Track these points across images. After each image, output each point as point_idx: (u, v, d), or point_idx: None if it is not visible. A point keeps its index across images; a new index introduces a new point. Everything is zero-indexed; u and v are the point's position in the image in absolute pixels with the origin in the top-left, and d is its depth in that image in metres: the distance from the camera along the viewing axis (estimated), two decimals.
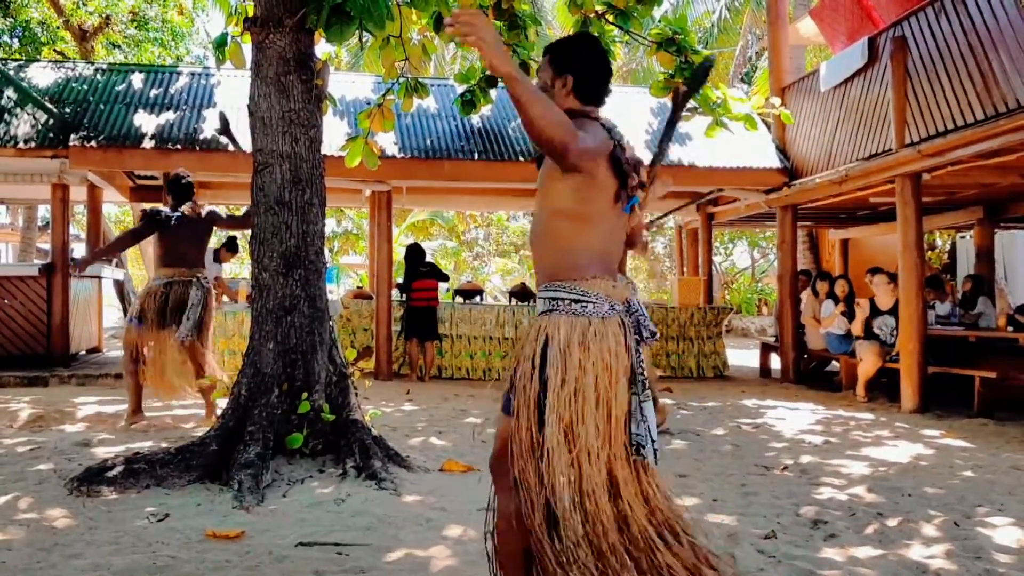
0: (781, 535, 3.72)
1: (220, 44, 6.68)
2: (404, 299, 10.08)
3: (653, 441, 2.38)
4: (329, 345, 5.13)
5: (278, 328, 4.98)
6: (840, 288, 9.37)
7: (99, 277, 11.30)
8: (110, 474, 4.38)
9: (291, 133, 5.13)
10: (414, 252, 10.25)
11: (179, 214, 6.50)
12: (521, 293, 11.00)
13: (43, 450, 5.42)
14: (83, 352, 10.95)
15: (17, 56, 13.29)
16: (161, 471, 4.43)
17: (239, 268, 23.03)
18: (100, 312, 11.84)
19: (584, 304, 2.37)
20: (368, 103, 9.84)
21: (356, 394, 5.21)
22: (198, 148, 9.47)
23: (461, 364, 10.34)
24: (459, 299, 11.20)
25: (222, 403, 5.28)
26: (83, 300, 10.65)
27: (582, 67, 2.50)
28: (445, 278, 10.54)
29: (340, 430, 4.87)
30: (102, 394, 8.15)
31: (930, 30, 7.82)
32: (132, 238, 7.22)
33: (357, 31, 5.17)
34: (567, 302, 2.38)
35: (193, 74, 11.14)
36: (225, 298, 10.21)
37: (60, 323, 9.79)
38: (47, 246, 21.50)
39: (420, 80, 7.46)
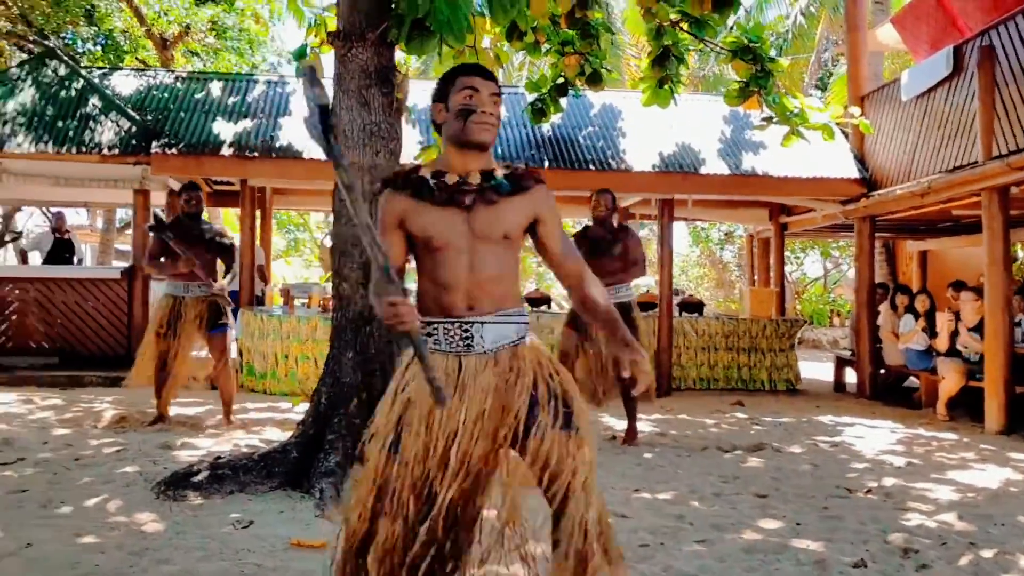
0: (871, 564, 3.62)
1: (300, 55, 6.83)
2: None
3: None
4: None
5: (357, 338, 5.04)
6: (920, 303, 9.10)
7: None
8: (195, 479, 4.48)
9: (372, 145, 5.19)
10: None
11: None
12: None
13: (128, 451, 5.57)
14: None
15: (101, 64, 13.72)
16: (244, 477, 4.52)
17: (307, 272, 23.42)
18: None
19: None
20: None
21: None
22: (274, 155, 9.64)
23: None
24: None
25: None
26: None
27: None
28: None
29: None
30: (179, 395, 8.31)
31: (1020, 38, 7.56)
32: None
33: (437, 44, 5.23)
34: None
35: (269, 82, 11.35)
36: (298, 302, 10.38)
37: (140, 323, 10.06)
38: (124, 247, 22.19)
39: None
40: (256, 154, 9.62)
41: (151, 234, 6.63)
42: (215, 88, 10.96)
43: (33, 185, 10.66)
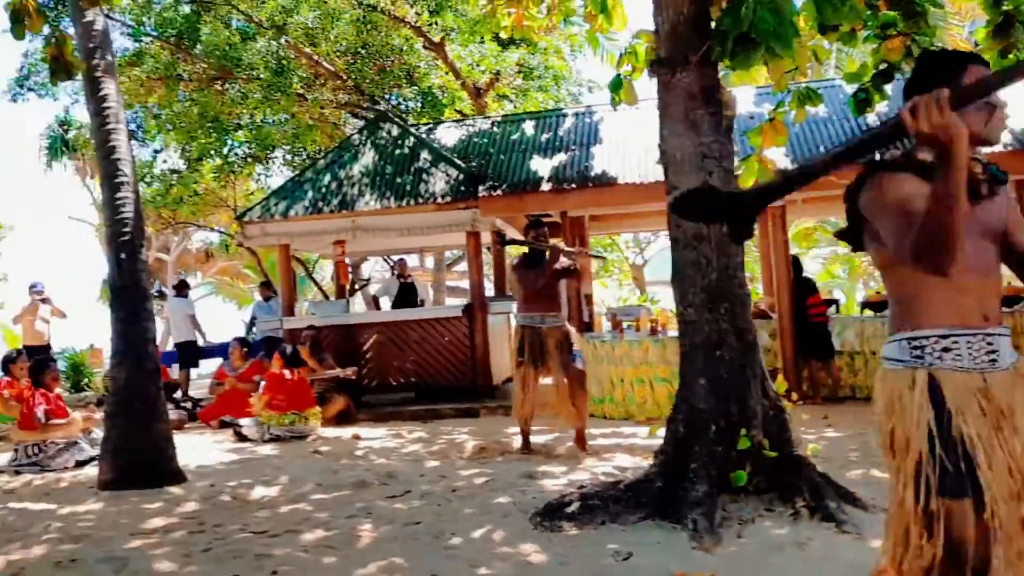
0: None
1: (616, 87, 6.96)
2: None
3: None
4: (761, 378, 5.02)
5: (707, 364, 4.96)
6: None
7: (509, 313, 12.28)
8: (568, 509, 4.65)
9: (704, 167, 5.12)
10: (795, 266, 9.92)
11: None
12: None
13: (496, 482, 5.91)
14: (501, 383, 11.92)
15: (424, 120, 15.00)
16: (613, 507, 4.61)
17: (621, 292, 23.81)
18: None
19: None
20: (751, 117, 9.64)
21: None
22: (591, 185, 9.92)
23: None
24: (868, 312, 10.47)
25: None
26: (497, 334, 11.60)
27: None
28: None
29: (782, 467, 4.72)
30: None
31: None
32: None
33: (763, 55, 5.05)
34: None
35: (577, 114, 11.74)
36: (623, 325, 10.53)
37: (482, 357, 10.77)
38: (453, 283, 24.10)
39: (810, 87, 7.17)
40: (573, 186, 9.97)
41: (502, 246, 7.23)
42: (528, 127, 11.54)
43: (379, 237, 11.88)
